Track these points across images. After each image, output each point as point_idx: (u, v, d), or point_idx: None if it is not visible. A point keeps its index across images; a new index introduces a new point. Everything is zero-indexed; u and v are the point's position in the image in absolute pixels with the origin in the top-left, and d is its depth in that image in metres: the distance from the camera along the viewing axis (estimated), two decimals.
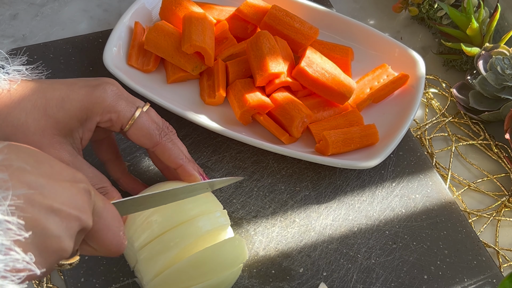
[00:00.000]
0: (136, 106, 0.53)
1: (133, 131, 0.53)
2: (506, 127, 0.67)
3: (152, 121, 0.54)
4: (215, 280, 0.50)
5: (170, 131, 0.55)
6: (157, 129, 0.54)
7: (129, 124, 0.52)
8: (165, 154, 0.54)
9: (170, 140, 0.54)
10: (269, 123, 0.65)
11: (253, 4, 0.71)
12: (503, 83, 0.69)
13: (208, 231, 0.51)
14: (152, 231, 0.51)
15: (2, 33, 0.75)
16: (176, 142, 0.55)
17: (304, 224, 0.61)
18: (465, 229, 0.62)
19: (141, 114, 0.53)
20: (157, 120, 0.55)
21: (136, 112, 0.52)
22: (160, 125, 0.54)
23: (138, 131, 0.53)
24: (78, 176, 0.38)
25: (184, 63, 0.68)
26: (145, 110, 0.54)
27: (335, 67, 0.67)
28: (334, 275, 0.58)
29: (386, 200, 0.63)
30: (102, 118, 0.52)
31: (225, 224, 0.53)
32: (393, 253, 0.59)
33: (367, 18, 0.84)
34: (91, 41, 0.73)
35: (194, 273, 0.50)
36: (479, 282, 0.59)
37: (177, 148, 0.55)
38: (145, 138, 0.53)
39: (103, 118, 0.52)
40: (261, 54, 0.65)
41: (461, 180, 0.68)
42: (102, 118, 0.52)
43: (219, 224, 0.52)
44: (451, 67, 0.79)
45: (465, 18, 0.73)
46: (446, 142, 0.72)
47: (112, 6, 0.80)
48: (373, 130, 0.65)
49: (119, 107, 0.52)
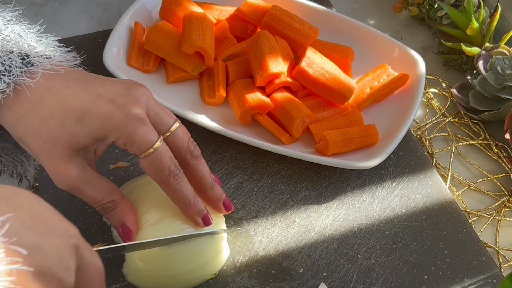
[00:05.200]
0: (158, 136, 0.50)
1: (143, 163, 0.50)
2: (506, 127, 0.67)
3: (165, 159, 0.50)
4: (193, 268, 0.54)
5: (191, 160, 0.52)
6: (169, 167, 0.50)
7: (142, 156, 0.50)
8: (167, 194, 0.52)
9: (177, 183, 0.51)
10: (269, 123, 0.65)
11: (253, 4, 0.71)
12: (503, 83, 0.69)
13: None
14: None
15: None
16: (183, 186, 0.51)
17: (304, 224, 0.61)
18: (465, 229, 0.62)
19: (158, 149, 0.49)
20: (176, 145, 0.52)
21: (155, 144, 0.49)
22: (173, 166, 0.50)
23: (147, 165, 0.50)
24: (71, 231, 0.38)
25: (184, 63, 0.68)
26: (168, 136, 0.51)
27: (335, 67, 0.67)
28: (334, 275, 0.58)
29: (386, 200, 0.63)
30: (117, 142, 0.49)
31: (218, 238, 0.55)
32: (393, 253, 0.59)
33: (367, 18, 0.84)
34: (91, 41, 0.73)
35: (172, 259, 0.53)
36: (479, 282, 0.58)
37: (183, 190, 0.51)
38: (153, 173, 0.51)
39: (118, 142, 0.49)
40: (261, 54, 0.65)
41: (461, 180, 0.68)
42: (117, 142, 0.49)
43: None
44: (451, 67, 0.79)
45: (465, 18, 0.73)
46: (446, 142, 0.72)
47: (112, 6, 0.80)
48: (373, 130, 0.65)
49: (137, 136, 0.48)
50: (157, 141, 0.49)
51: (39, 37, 0.53)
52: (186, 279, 0.54)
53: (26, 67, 0.49)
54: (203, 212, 0.53)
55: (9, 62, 0.48)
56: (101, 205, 0.51)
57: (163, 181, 0.51)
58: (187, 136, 0.53)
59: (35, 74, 0.49)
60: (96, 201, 0.51)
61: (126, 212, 0.52)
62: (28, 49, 0.50)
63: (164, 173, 0.50)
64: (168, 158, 0.50)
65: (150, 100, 0.50)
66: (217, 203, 0.55)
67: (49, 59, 0.51)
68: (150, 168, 0.50)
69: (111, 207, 0.51)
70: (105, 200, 0.51)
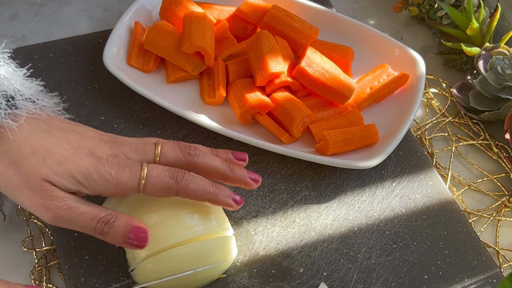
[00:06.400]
0: (141, 166, 0.50)
1: (147, 192, 0.50)
2: (506, 127, 0.67)
3: (162, 173, 0.50)
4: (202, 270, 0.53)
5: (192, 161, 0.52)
6: (171, 177, 0.50)
7: (142, 189, 0.50)
8: (190, 196, 0.52)
9: (189, 182, 0.51)
10: (269, 123, 0.65)
11: (253, 4, 0.71)
12: (503, 83, 0.69)
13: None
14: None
15: (2, 33, 0.75)
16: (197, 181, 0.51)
17: (304, 224, 0.61)
18: (465, 229, 0.62)
19: (148, 174, 0.50)
20: (171, 159, 0.52)
21: (142, 174, 0.49)
22: (173, 172, 0.51)
23: (151, 191, 0.50)
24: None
25: (184, 63, 0.68)
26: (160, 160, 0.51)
27: (335, 67, 0.67)
28: (334, 275, 0.58)
29: (386, 200, 0.63)
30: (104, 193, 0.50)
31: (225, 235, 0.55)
32: (393, 253, 0.59)
33: (367, 18, 0.84)
34: (91, 41, 0.73)
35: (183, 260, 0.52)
36: (479, 282, 0.58)
37: (200, 185, 0.51)
38: (162, 193, 0.51)
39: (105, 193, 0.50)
40: (261, 54, 0.65)
41: (461, 180, 0.68)
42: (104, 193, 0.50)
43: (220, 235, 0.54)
44: (451, 67, 0.79)
45: (465, 18, 0.73)
46: (446, 142, 0.72)
47: (112, 6, 0.80)
48: (373, 130, 0.65)
49: (122, 181, 0.49)
50: (141, 171, 0.50)
51: (25, 80, 0.53)
52: (195, 280, 0.54)
53: (11, 109, 0.49)
54: (230, 195, 0.53)
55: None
56: (100, 219, 0.49)
57: (177, 190, 0.50)
58: (176, 146, 0.53)
59: (18, 117, 0.49)
60: (93, 217, 0.49)
61: (129, 216, 0.51)
62: (14, 91, 0.50)
63: (170, 185, 0.50)
64: (164, 172, 0.50)
65: (124, 145, 0.51)
66: (244, 181, 0.55)
67: (33, 103, 0.51)
68: (157, 192, 0.50)
69: (112, 218, 0.49)
70: (103, 213, 0.49)
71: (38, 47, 0.71)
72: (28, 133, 0.49)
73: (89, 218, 0.49)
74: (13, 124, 0.49)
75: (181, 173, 0.51)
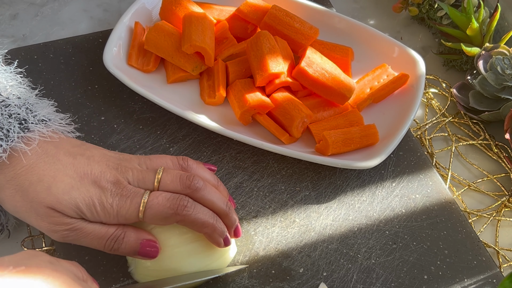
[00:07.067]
0: (142, 197, 0.50)
1: (147, 221, 0.50)
2: (506, 127, 0.67)
3: (163, 203, 0.50)
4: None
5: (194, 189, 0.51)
6: (171, 207, 0.50)
7: (141, 218, 0.50)
8: (188, 226, 0.51)
9: (190, 213, 0.50)
10: (269, 123, 0.65)
11: (253, 4, 0.71)
12: (503, 83, 0.69)
13: None
14: None
15: (2, 33, 0.75)
16: (198, 213, 0.50)
17: (304, 224, 0.61)
18: (465, 229, 0.62)
19: (148, 206, 0.49)
20: (170, 190, 0.51)
21: (142, 202, 0.49)
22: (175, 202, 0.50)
23: (151, 220, 0.50)
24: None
25: (184, 63, 0.68)
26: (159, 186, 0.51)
27: (335, 67, 0.67)
28: (334, 275, 0.58)
29: (386, 200, 0.63)
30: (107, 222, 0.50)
31: None
32: (393, 253, 0.59)
33: (367, 18, 0.84)
34: (91, 41, 0.73)
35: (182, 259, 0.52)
36: (479, 282, 0.59)
37: (201, 217, 0.50)
38: (162, 222, 0.50)
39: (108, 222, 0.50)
40: (261, 54, 0.65)
41: (461, 180, 0.68)
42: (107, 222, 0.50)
43: None
44: (451, 67, 0.79)
45: (465, 18, 0.73)
46: (446, 142, 0.72)
47: (112, 6, 0.80)
48: (373, 130, 0.65)
49: (122, 211, 0.49)
50: (142, 200, 0.49)
51: (38, 100, 0.53)
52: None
53: (24, 132, 0.49)
54: (224, 233, 0.52)
55: (7, 126, 0.49)
56: (109, 237, 0.50)
57: (176, 220, 0.50)
58: (178, 176, 0.52)
59: (31, 140, 0.49)
60: (101, 235, 0.50)
61: (136, 228, 0.51)
62: (26, 113, 0.50)
63: (170, 215, 0.50)
64: (165, 202, 0.50)
65: (128, 172, 0.51)
66: (229, 230, 0.54)
67: (45, 123, 0.51)
68: (157, 221, 0.50)
69: (121, 234, 0.50)
70: (111, 230, 0.50)
71: (38, 47, 0.71)
72: (36, 158, 0.49)
73: (97, 237, 0.50)
74: (26, 148, 0.49)
75: (183, 202, 0.50)
